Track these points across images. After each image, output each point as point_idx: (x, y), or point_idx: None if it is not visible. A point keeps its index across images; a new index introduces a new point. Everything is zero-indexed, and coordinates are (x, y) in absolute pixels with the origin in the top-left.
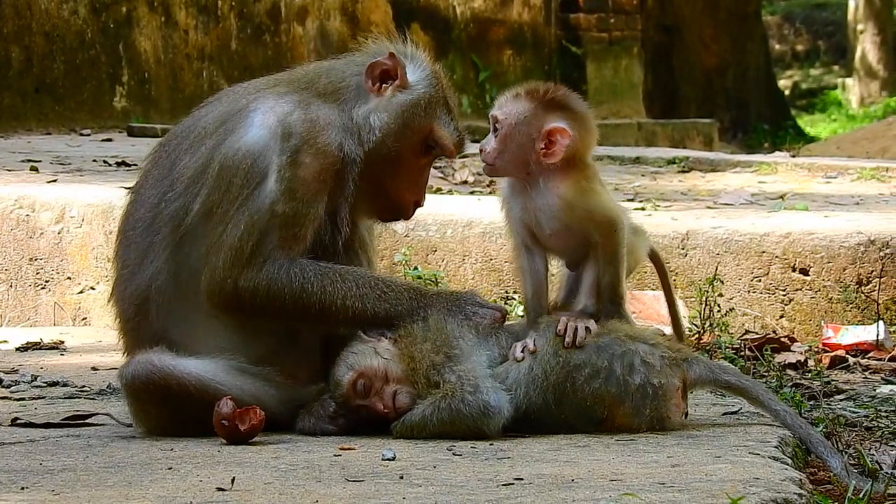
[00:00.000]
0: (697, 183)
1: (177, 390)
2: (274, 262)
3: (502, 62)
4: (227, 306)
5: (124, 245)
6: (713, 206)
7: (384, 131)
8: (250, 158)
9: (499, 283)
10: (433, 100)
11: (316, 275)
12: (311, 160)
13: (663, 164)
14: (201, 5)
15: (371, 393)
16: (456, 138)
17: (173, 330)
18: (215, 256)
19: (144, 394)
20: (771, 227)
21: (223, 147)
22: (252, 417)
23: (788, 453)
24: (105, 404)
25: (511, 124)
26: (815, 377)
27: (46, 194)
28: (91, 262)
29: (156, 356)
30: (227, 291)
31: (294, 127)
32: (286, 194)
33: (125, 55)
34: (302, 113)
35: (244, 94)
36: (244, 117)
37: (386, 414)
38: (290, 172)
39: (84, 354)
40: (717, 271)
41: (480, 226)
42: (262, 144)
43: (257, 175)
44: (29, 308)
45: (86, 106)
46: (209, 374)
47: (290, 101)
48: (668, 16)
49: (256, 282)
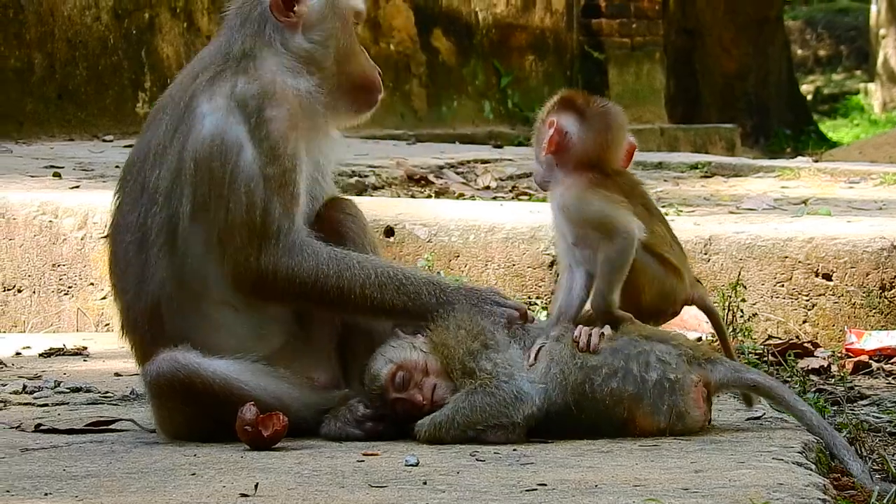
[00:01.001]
0: (720, 188)
1: (201, 388)
2: (284, 244)
3: (524, 67)
4: (253, 289)
5: (120, 274)
6: (736, 211)
7: (328, 45)
8: (218, 139)
9: (521, 288)
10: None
11: (330, 257)
12: (276, 112)
13: (686, 169)
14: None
15: (410, 385)
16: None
17: (189, 327)
18: (229, 238)
19: (169, 391)
20: (794, 232)
21: (188, 147)
22: (275, 423)
23: (812, 459)
24: (128, 410)
25: (537, 126)
26: (839, 382)
27: (69, 200)
28: None
29: (181, 354)
30: (252, 271)
31: (244, 93)
32: (268, 154)
33: (147, 61)
34: (244, 79)
35: (179, 98)
36: (192, 114)
37: (423, 406)
38: (261, 132)
39: (107, 360)
40: (740, 276)
41: (503, 231)
42: (223, 124)
43: (232, 150)
44: (52, 314)
45: (108, 112)
46: (234, 373)
47: (223, 77)
48: (690, 20)
49: (277, 264)
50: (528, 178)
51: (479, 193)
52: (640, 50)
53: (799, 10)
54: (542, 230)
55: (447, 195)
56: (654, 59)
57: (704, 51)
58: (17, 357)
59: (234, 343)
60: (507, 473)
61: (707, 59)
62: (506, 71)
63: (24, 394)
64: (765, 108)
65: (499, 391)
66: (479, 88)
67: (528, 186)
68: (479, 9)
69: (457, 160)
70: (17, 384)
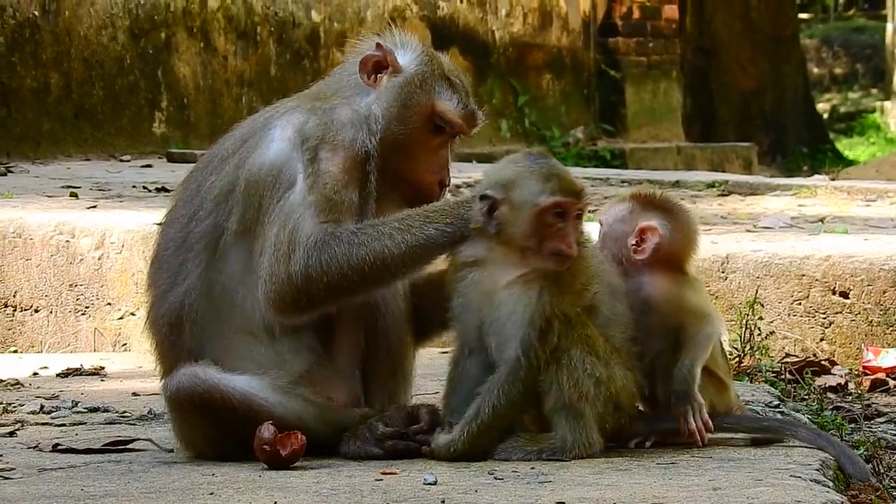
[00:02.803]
0: (737, 206)
1: (220, 404)
2: (315, 246)
3: (541, 86)
4: (292, 302)
5: (156, 268)
6: (753, 229)
7: (387, 117)
8: (275, 170)
9: None
10: (427, 76)
11: (356, 232)
12: (330, 155)
13: (703, 187)
14: (240, 31)
15: (567, 218)
16: (461, 112)
17: (208, 348)
18: (263, 260)
19: (188, 406)
20: (811, 251)
21: (247, 164)
22: (293, 442)
23: (830, 476)
24: (146, 430)
25: (610, 223)
26: (856, 400)
27: (86, 220)
28: (131, 288)
29: (201, 369)
30: (283, 287)
31: (310, 132)
32: (314, 187)
33: (164, 81)
34: (315, 119)
35: (262, 116)
36: (264, 135)
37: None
38: (312, 169)
39: (124, 380)
40: (757, 294)
41: None
42: (285, 156)
43: (285, 184)
44: (69, 334)
45: (125, 132)
46: (254, 389)
47: (302, 112)
48: (706, 39)
49: (306, 264)
50: None
51: None
52: (657, 68)
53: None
54: None
55: None
56: (670, 78)
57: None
58: (34, 377)
59: (255, 361)
60: (525, 492)
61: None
62: (523, 90)
63: (42, 414)
64: (781, 126)
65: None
66: (497, 107)
67: None
68: (496, 28)
69: (474, 179)
70: (35, 404)
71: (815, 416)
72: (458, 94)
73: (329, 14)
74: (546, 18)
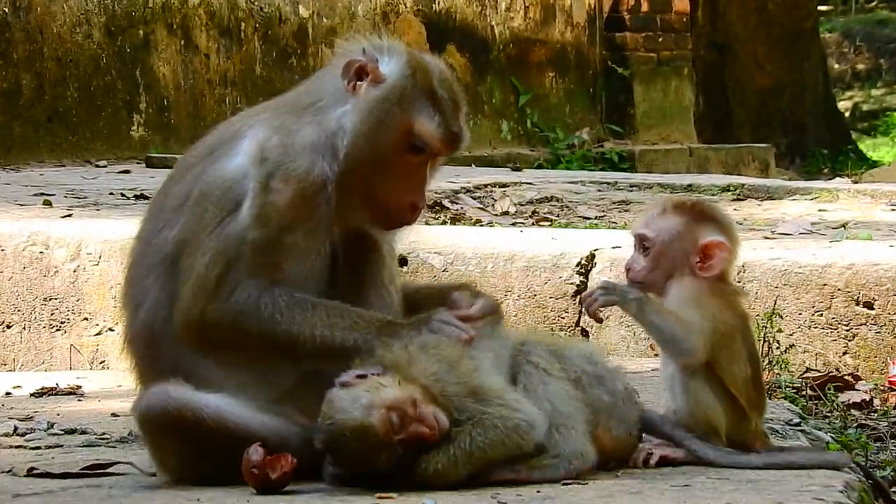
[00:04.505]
0: (753, 211)
1: (192, 423)
2: (243, 292)
3: (544, 85)
4: (196, 339)
5: (127, 283)
6: (770, 235)
7: (355, 133)
8: (227, 185)
9: (543, 320)
10: (407, 92)
11: (287, 305)
12: (282, 186)
13: (717, 191)
14: (223, 28)
15: (408, 423)
16: (441, 133)
17: (187, 365)
18: (184, 287)
19: (159, 426)
20: (833, 258)
21: (205, 175)
22: (283, 465)
23: (854, 499)
24: (127, 453)
25: (664, 241)
26: (882, 417)
27: (61, 230)
28: (109, 302)
29: (172, 387)
30: (194, 323)
31: (269, 152)
32: (258, 220)
33: (143, 81)
34: (279, 137)
35: (236, 123)
36: (231, 146)
37: (434, 436)
38: (261, 198)
39: (103, 400)
40: (775, 305)
41: (523, 259)
42: (242, 171)
43: (231, 202)
44: (43, 351)
45: (101, 135)
46: (229, 408)
47: (269, 126)
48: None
49: (223, 312)
50: (549, 202)
51: (498, 219)
52: (668, 65)
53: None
54: (565, 258)
55: (463, 221)
56: (682, 75)
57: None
58: (6, 397)
59: (237, 378)
60: None
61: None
62: (524, 89)
63: (16, 436)
64: (800, 126)
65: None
66: (496, 107)
67: (550, 212)
68: (496, 23)
69: (473, 184)
70: (8, 426)
71: (839, 435)
72: (440, 112)
73: (318, 9)
74: (548, 12)
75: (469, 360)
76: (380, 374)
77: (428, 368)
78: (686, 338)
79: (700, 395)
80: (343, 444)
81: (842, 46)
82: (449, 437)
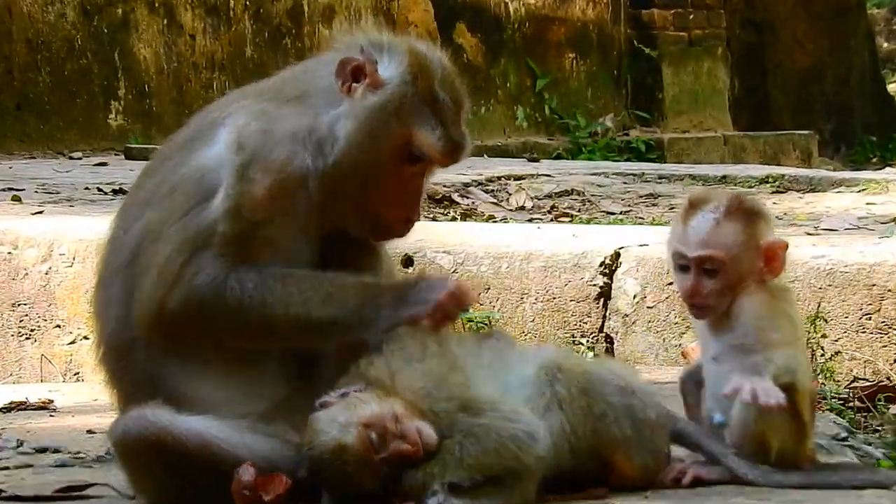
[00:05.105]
0: (795, 205)
1: (172, 448)
2: (207, 275)
3: (563, 67)
4: (158, 330)
5: (98, 288)
6: (814, 231)
7: (348, 141)
8: (200, 174)
9: (563, 325)
10: (407, 100)
11: (256, 285)
12: (260, 176)
13: (754, 183)
14: (210, 6)
15: (389, 440)
16: (442, 144)
17: (165, 378)
18: (144, 277)
19: (136, 453)
20: (882, 256)
21: (180, 167)
22: (277, 486)
23: None
24: (104, 473)
25: (735, 255)
26: None
27: (31, 229)
28: (84, 308)
29: (151, 410)
30: (153, 314)
31: (247, 140)
32: (231, 212)
33: (121, 65)
34: (259, 125)
35: (214, 111)
36: (210, 135)
37: (417, 454)
38: (236, 189)
39: (77, 415)
40: (819, 308)
41: (541, 259)
42: (218, 161)
43: (203, 191)
44: (11, 362)
45: (76, 125)
46: (212, 430)
47: (251, 111)
48: (757, 11)
49: (187, 299)
50: (569, 196)
51: (513, 215)
52: (700, 45)
53: None
54: (588, 257)
55: (475, 217)
56: (715, 56)
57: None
58: None
59: (222, 398)
60: None
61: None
62: (542, 72)
63: None
64: (846, 111)
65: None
66: (511, 92)
67: (570, 206)
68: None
69: (486, 176)
70: None
71: (890, 451)
72: (442, 121)
73: None
74: None
75: (459, 373)
76: (361, 390)
77: (414, 384)
78: (797, 368)
79: (767, 411)
80: (325, 466)
81: (891, 23)
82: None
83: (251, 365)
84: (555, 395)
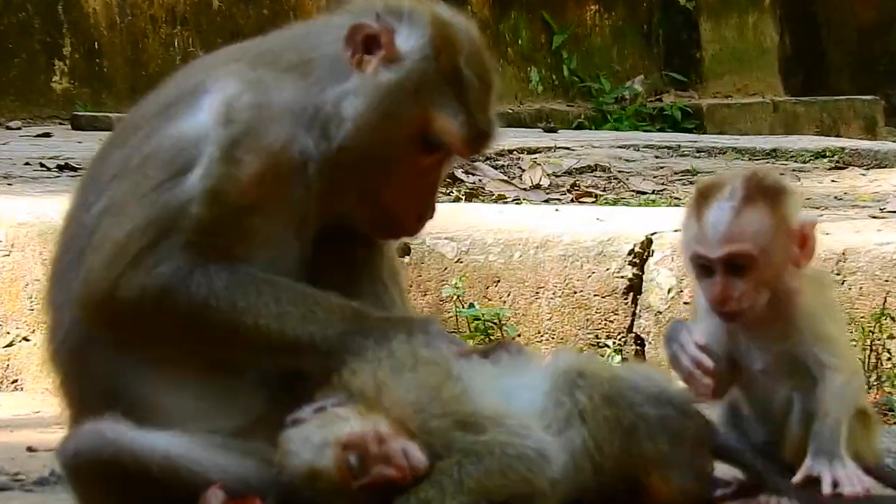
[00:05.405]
0: (857, 183)
1: (134, 469)
2: (171, 264)
3: (584, 22)
4: (101, 320)
5: (51, 279)
6: (879, 214)
7: (357, 124)
8: (178, 146)
9: (586, 324)
10: (427, 78)
11: (227, 286)
12: (250, 157)
13: (809, 157)
14: None
15: (371, 463)
16: (465, 132)
17: (127, 387)
18: (94, 255)
19: (90, 475)
20: None
21: (154, 137)
22: None
23: None
24: (47, 497)
25: (766, 246)
26: None
27: None
28: (23, 304)
29: (108, 425)
30: (99, 298)
31: (238, 113)
32: (208, 194)
33: (66, 19)
34: (252, 96)
35: (198, 73)
36: (193, 102)
37: (402, 479)
38: (219, 169)
39: (16, 430)
40: (885, 304)
41: (560, 246)
42: (200, 132)
43: (179, 165)
44: None
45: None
46: (180, 447)
47: (241, 80)
48: None
49: (143, 287)
50: (592, 172)
51: (526, 195)
52: None
53: None
54: (614, 245)
55: (482, 197)
56: (762, 8)
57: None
58: None
59: (192, 410)
60: None
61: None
62: (559, 27)
63: None
64: None
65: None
66: (523, 50)
67: (593, 185)
68: None
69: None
70: None
71: None
72: (466, 105)
73: None
74: None
75: (454, 384)
76: (340, 404)
77: (404, 397)
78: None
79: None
80: (296, 493)
81: None
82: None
83: (227, 372)
84: (575, 406)
